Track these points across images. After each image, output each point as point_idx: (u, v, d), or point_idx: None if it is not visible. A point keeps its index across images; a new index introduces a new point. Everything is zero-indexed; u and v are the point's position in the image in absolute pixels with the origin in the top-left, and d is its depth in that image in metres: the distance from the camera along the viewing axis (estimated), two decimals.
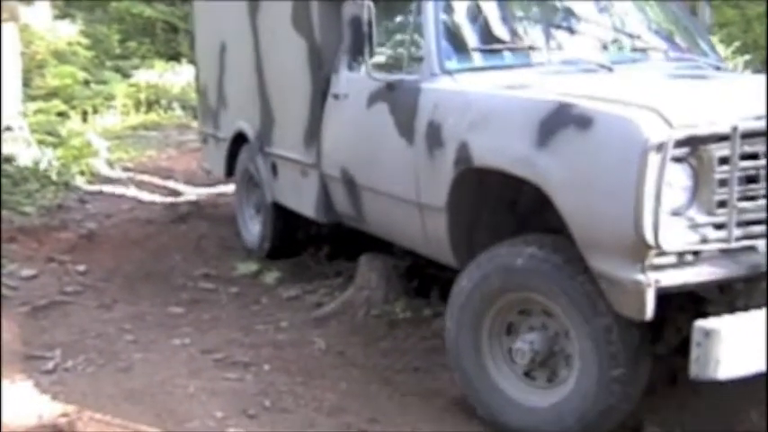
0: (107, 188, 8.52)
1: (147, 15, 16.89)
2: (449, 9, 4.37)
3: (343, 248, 5.91)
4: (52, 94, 12.48)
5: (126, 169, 9.53)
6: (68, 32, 14.59)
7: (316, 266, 6.00)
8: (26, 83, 11.02)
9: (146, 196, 8.30)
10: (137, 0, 16.98)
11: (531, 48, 4.33)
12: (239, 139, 6.47)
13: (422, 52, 4.30)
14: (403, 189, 4.28)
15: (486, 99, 3.80)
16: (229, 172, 6.79)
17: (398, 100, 4.33)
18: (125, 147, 10.67)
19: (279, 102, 5.81)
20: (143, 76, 14.14)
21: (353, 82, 4.87)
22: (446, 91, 4.05)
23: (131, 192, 8.46)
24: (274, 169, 5.95)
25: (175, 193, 8.52)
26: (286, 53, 5.60)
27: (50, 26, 14.28)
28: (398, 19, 4.76)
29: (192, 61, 15.13)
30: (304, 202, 5.50)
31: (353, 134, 4.84)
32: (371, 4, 4.27)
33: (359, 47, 4.38)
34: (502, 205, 3.91)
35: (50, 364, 4.30)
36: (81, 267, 5.99)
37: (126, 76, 14.40)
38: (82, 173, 8.81)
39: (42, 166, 8.43)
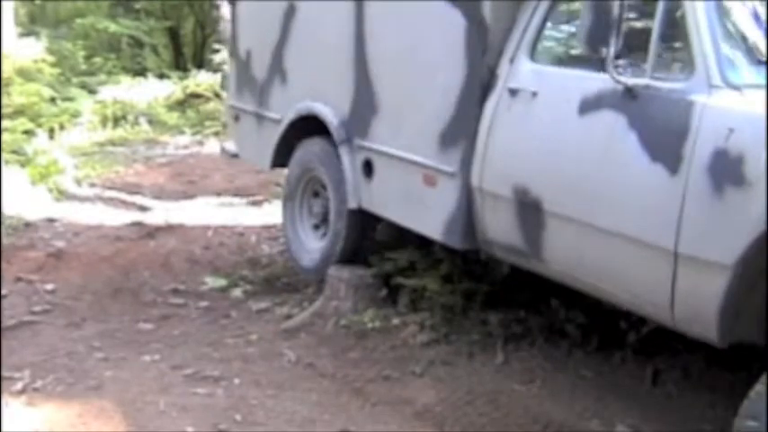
0: (75, 205, 8.47)
1: (112, 31, 16.90)
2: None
3: None
4: (18, 112, 12.39)
5: (93, 186, 9.49)
6: (33, 50, 14.50)
7: (285, 278, 6.00)
8: None
9: (114, 213, 8.25)
10: (102, 16, 16.98)
11: None
12: (302, 124, 5.41)
13: (687, 55, 3.38)
14: (645, 230, 3.35)
15: None
16: (277, 162, 5.68)
17: (648, 112, 3.43)
18: (92, 163, 10.61)
19: (392, 85, 4.77)
20: (109, 91, 14.12)
21: (547, 77, 3.99)
22: (749, 114, 3.09)
23: (99, 208, 8.41)
24: (368, 168, 4.95)
25: (143, 208, 8.49)
26: (420, 24, 4.55)
27: (15, 44, 14.20)
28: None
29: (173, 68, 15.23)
30: (426, 219, 4.51)
31: (548, 145, 3.85)
32: None
33: (600, 37, 3.47)
34: None
35: (20, 385, 4.27)
36: (50, 286, 5.94)
37: (92, 92, 14.38)
38: (49, 191, 8.76)
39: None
